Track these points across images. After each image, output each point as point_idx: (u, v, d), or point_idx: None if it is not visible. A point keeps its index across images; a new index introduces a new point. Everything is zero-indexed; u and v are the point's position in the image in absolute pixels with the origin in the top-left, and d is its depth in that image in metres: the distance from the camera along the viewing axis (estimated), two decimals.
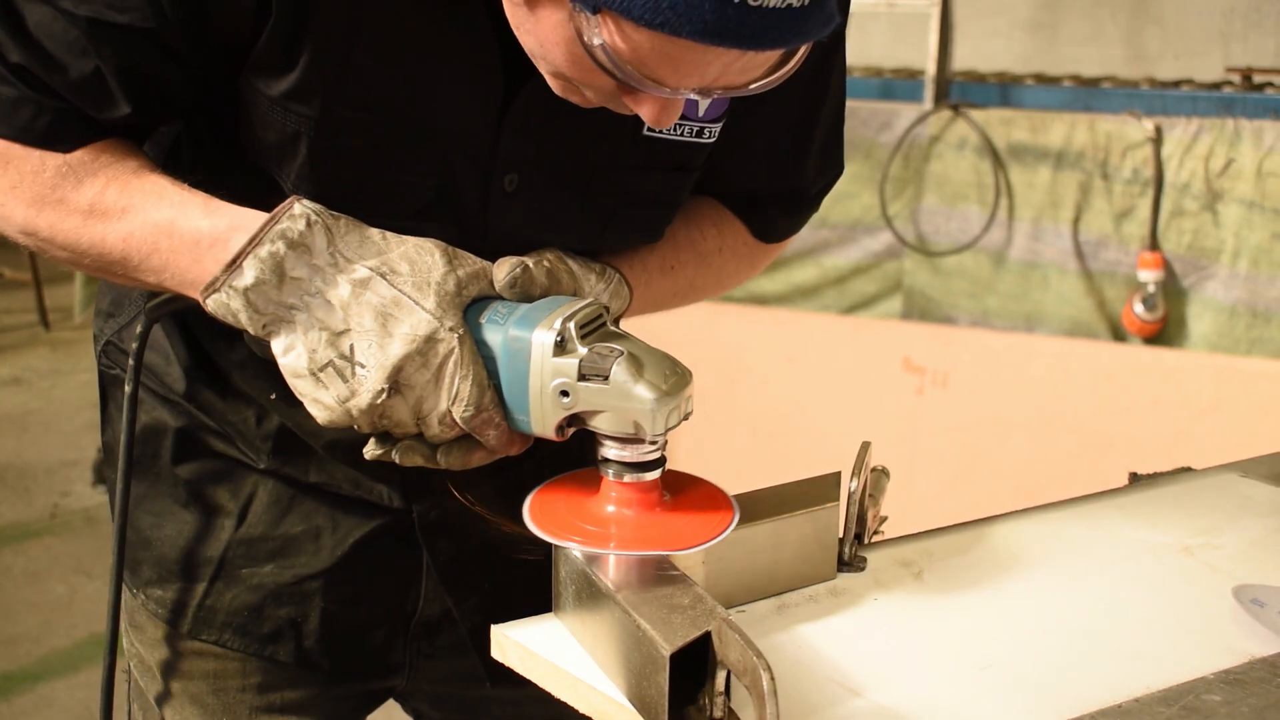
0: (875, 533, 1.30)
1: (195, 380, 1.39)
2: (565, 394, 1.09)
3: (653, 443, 1.11)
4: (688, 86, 1.02)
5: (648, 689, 0.99)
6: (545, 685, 1.12)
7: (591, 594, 1.09)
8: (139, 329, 1.29)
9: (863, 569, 1.27)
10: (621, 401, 1.08)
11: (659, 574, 1.08)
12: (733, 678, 0.97)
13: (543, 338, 1.10)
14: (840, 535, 1.26)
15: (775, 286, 4.55)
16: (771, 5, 0.94)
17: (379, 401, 1.11)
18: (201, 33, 1.14)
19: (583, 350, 1.09)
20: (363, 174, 1.20)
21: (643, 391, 1.07)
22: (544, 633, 1.14)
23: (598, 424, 1.10)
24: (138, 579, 1.46)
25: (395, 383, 1.11)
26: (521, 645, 1.13)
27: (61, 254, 1.21)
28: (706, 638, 0.97)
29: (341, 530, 1.41)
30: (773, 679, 0.89)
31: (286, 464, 1.39)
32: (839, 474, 1.25)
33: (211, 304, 1.13)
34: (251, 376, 1.36)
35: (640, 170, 1.30)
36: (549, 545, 1.13)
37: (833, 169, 1.50)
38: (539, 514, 1.14)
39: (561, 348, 1.09)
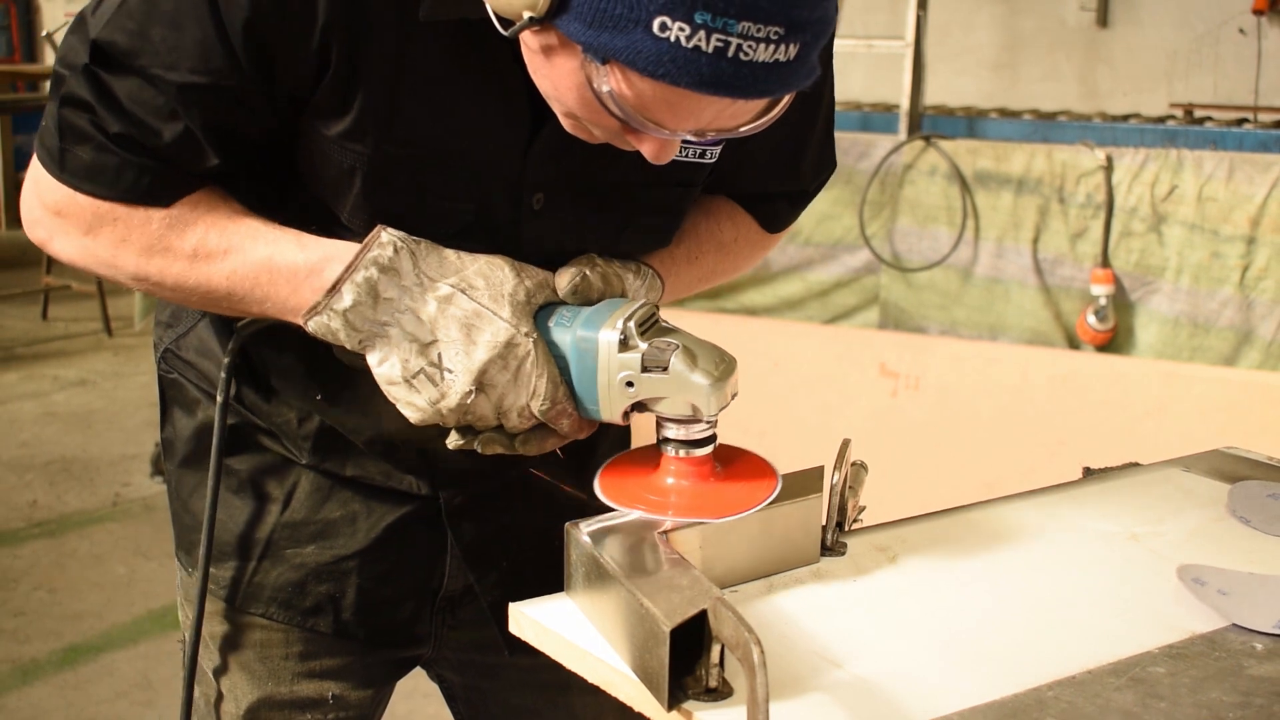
0: (854, 521, 1.30)
1: (243, 385, 1.40)
2: (630, 384, 1.14)
3: (708, 422, 1.15)
4: (684, 129, 1.04)
5: (650, 661, 0.98)
6: (557, 657, 1.12)
7: (599, 575, 1.09)
8: (231, 345, 1.33)
9: (843, 554, 1.27)
10: (680, 388, 1.13)
11: (660, 558, 1.09)
12: (726, 651, 0.97)
13: (608, 337, 1.14)
14: (823, 523, 1.26)
15: (764, 299, 4.55)
16: (760, 60, 0.96)
17: (467, 401, 1.15)
18: (271, 85, 1.15)
19: (643, 345, 1.14)
20: (409, 201, 1.21)
21: (698, 379, 1.12)
22: (556, 610, 1.14)
23: (660, 408, 1.15)
24: (193, 560, 1.47)
25: (480, 384, 1.14)
26: (536, 621, 1.13)
27: (171, 294, 1.25)
28: (703, 615, 0.97)
29: (375, 515, 1.42)
30: (762, 652, 0.89)
31: (325, 460, 1.40)
32: (822, 468, 1.25)
33: (313, 325, 1.16)
34: (295, 381, 1.37)
35: (650, 187, 1.31)
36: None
37: (827, 166, 1.53)
38: (609, 486, 1.18)
39: (624, 345, 1.14)
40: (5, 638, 3.66)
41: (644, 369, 1.13)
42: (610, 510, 1.16)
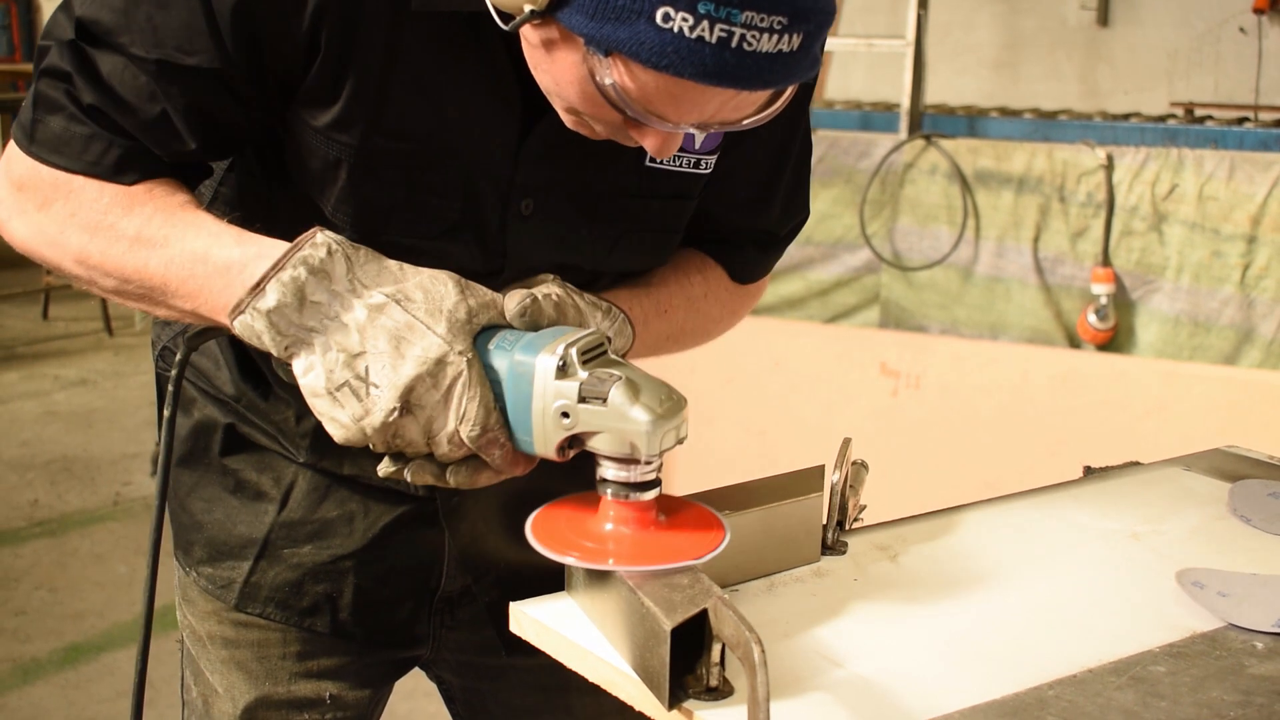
0: (855, 520, 1.30)
1: (241, 383, 1.40)
2: (566, 415, 1.06)
3: (649, 463, 1.07)
4: (688, 121, 1.03)
5: (651, 660, 0.98)
6: (558, 657, 1.11)
7: (600, 574, 1.08)
8: (179, 355, 1.27)
9: (844, 552, 1.27)
10: (619, 423, 1.05)
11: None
12: (727, 650, 0.97)
13: (546, 362, 1.06)
14: (824, 522, 1.26)
15: (765, 299, 4.54)
16: (764, 51, 0.96)
17: (391, 420, 1.07)
18: (259, 71, 1.14)
19: (583, 374, 1.06)
20: (395, 196, 1.20)
21: (639, 414, 1.04)
22: (557, 610, 1.14)
23: (597, 445, 1.07)
24: (190, 558, 1.47)
25: (407, 402, 1.06)
26: (537, 621, 1.13)
27: (109, 282, 1.18)
28: (704, 614, 0.97)
29: (373, 515, 1.41)
30: (763, 651, 0.89)
31: (323, 459, 1.39)
32: (822, 467, 1.25)
33: (238, 326, 1.10)
34: (289, 383, 1.36)
35: (644, 198, 1.30)
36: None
37: (799, 211, 1.48)
38: (541, 531, 1.11)
39: (564, 371, 1.06)
40: (6, 637, 3.66)
41: (581, 399, 1.05)
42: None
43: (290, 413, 1.39)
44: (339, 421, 1.09)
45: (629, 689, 1.03)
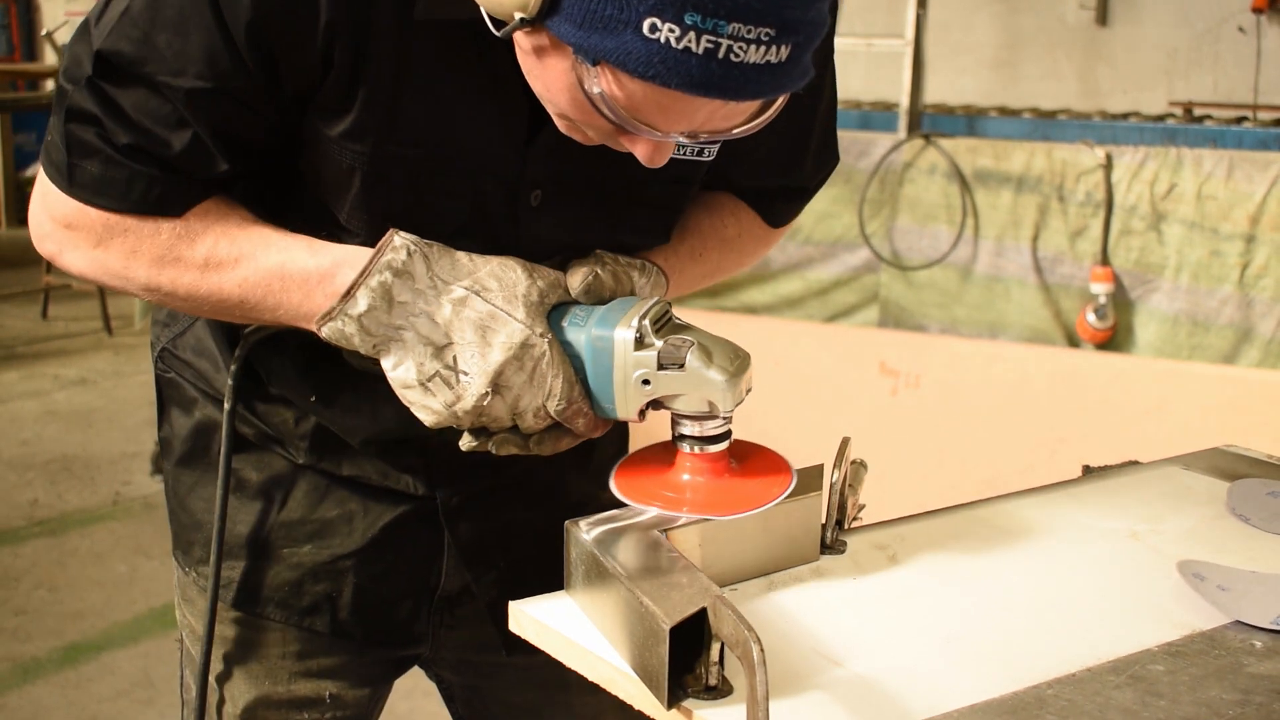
0: (854, 519, 1.30)
1: (241, 385, 1.40)
2: (646, 382, 1.14)
3: (723, 418, 1.15)
4: (677, 130, 1.04)
5: (649, 659, 0.98)
6: (558, 656, 1.11)
7: (599, 574, 1.09)
8: (238, 352, 1.33)
9: (843, 552, 1.27)
10: (696, 384, 1.13)
11: (660, 556, 1.09)
12: (726, 649, 0.97)
13: (624, 335, 1.14)
14: (823, 521, 1.26)
15: (764, 298, 4.55)
16: (751, 61, 0.96)
17: (483, 404, 1.14)
18: (276, 88, 1.16)
19: (659, 343, 1.14)
20: (407, 200, 1.21)
21: (714, 375, 1.12)
22: (556, 608, 1.14)
23: (675, 405, 1.15)
24: (190, 558, 1.47)
25: (496, 385, 1.14)
26: (536, 620, 1.13)
27: (183, 304, 1.24)
28: (703, 613, 0.97)
29: (372, 515, 1.41)
30: (762, 650, 0.89)
31: (322, 460, 1.40)
32: (821, 466, 1.25)
33: (327, 331, 1.16)
34: (291, 383, 1.37)
35: (648, 184, 1.31)
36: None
37: (830, 162, 1.52)
38: (625, 484, 1.18)
39: (640, 343, 1.14)
40: (6, 636, 3.66)
41: (660, 366, 1.13)
42: (621, 507, 1.17)
43: (289, 415, 1.39)
44: (431, 409, 1.16)
45: (628, 688, 1.03)
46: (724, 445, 1.17)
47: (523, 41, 1.07)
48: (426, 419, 1.17)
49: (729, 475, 1.18)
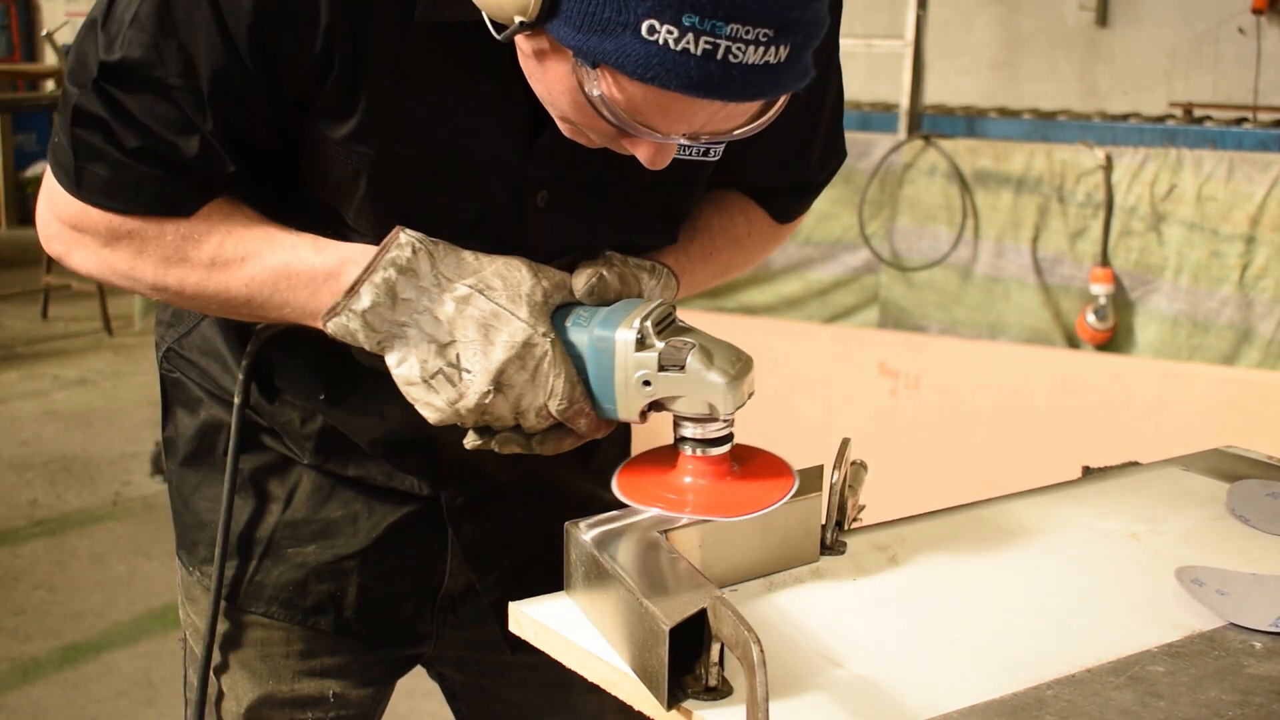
0: (854, 520, 1.30)
1: (248, 385, 1.40)
2: (647, 383, 1.14)
3: (724, 421, 1.15)
4: (678, 132, 1.04)
5: (649, 660, 0.99)
6: (558, 656, 1.12)
7: (599, 575, 1.09)
8: (249, 348, 1.34)
9: (843, 552, 1.27)
10: (697, 387, 1.13)
11: (660, 557, 1.09)
12: (726, 650, 0.97)
13: (625, 336, 1.15)
14: (823, 522, 1.26)
15: (764, 298, 4.55)
16: (750, 62, 0.96)
17: (485, 401, 1.15)
18: (277, 90, 1.16)
19: (660, 345, 1.14)
20: (414, 201, 1.22)
21: (715, 377, 1.12)
22: (557, 609, 1.14)
23: (677, 407, 1.15)
24: (194, 558, 1.47)
25: (498, 383, 1.15)
26: (536, 620, 1.13)
27: (191, 303, 1.26)
28: (702, 614, 0.97)
29: (376, 515, 1.42)
30: (762, 651, 0.89)
31: (327, 460, 1.40)
32: (821, 467, 1.25)
33: (332, 327, 1.17)
34: (299, 382, 1.37)
35: (653, 185, 1.31)
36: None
37: (836, 157, 1.53)
38: (627, 485, 1.18)
39: (641, 344, 1.14)
40: (6, 636, 3.66)
41: (661, 368, 1.14)
42: (623, 508, 1.17)
43: (295, 415, 1.39)
44: (434, 406, 1.17)
45: (628, 688, 1.03)
46: (726, 448, 1.17)
47: (524, 45, 1.07)
48: (430, 416, 1.17)
49: (731, 478, 1.18)
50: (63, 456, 5.12)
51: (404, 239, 1.16)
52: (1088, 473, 1.54)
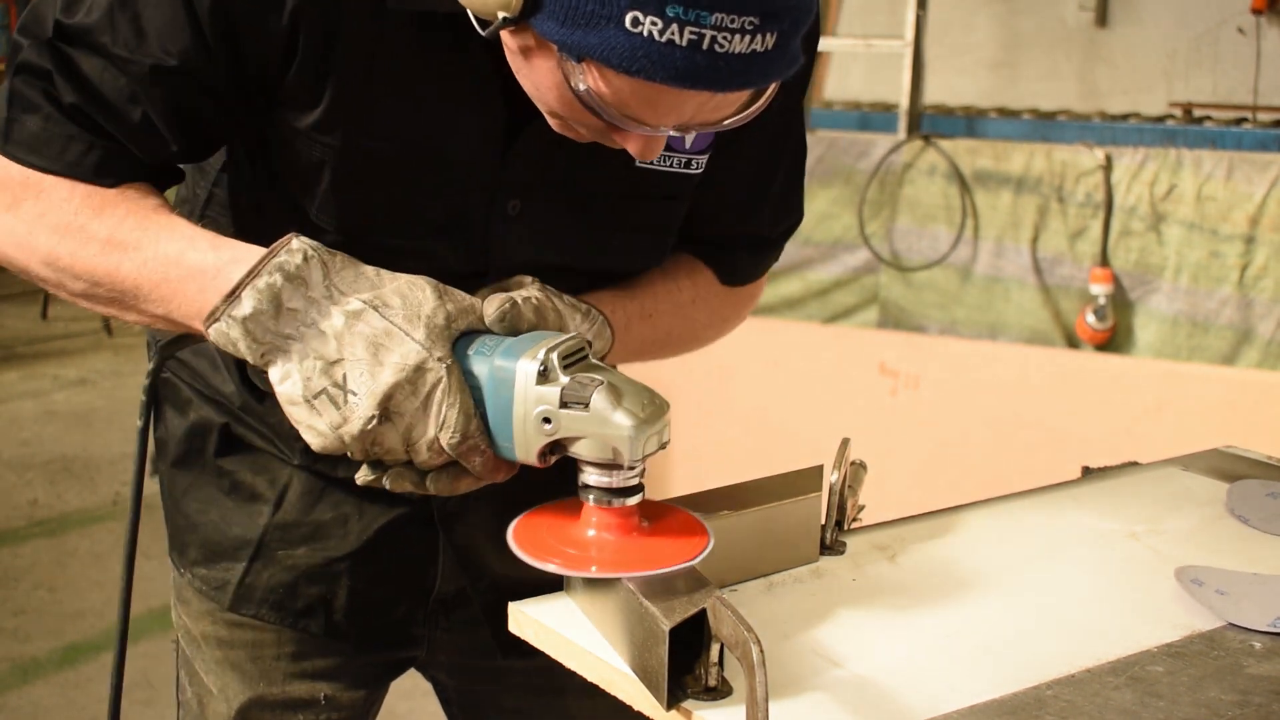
0: (854, 520, 1.30)
1: (239, 385, 1.40)
2: (547, 420, 1.05)
3: (631, 469, 1.06)
4: (667, 124, 1.02)
5: (649, 660, 0.98)
6: (557, 656, 1.11)
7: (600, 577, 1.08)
8: (151, 366, 1.28)
9: (842, 552, 1.27)
10: (601, 428, 1.03)
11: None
12: (725, 650, 0.97)
13: (526, 367, 1.05)
14: (822, 522, 1.26)
15: (764, 298, 4.52)
16: (737, 51, 0.95)
17: (370, 428, 1.05)
18: (239, 71, 1.14)
19: (564, 379, 1.04)
20: (379, 198, 1.20)
21: (621, 419, 1.03)
22: (556, 610, 1.14)
23: (579, 450, 1.06)
24: (185, 559, 1.47)
25: (385, 410, 1.05)
26: (536, 621, 1.13)
27: (78, 285, 1.16)
28: (702, 614, 0.97)
29: (367, 517, 1.41)
30: (761, 651, 0.89)
31: (317, 461, 1.39)
32: (821, 467, 1.25)
33: (213, 333, 1.08)
34: None
35: (634, 199, 1.29)
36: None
37: (793, 214, 1.47)
38: (523, 537, 1.10)
39: (545, 376, 1.05)
40: (6, 636, 3.66)
41: (563, 404, 1.04)
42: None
43: (284, 415, 1.39)
44: (316, 429, 1.08)
45: (628, 689, 1.03)
46: (634, 500, 1.08)
47: (509, 41, 1.06)
48: (313, 441, 1.08)
49: (638, 534, 1.08)
50: (63, 456, 5.12)
51: (296, 245, 1.08)
52: (1087, 473, 1.54)
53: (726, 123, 1.05)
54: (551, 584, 1.16)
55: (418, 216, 1.21)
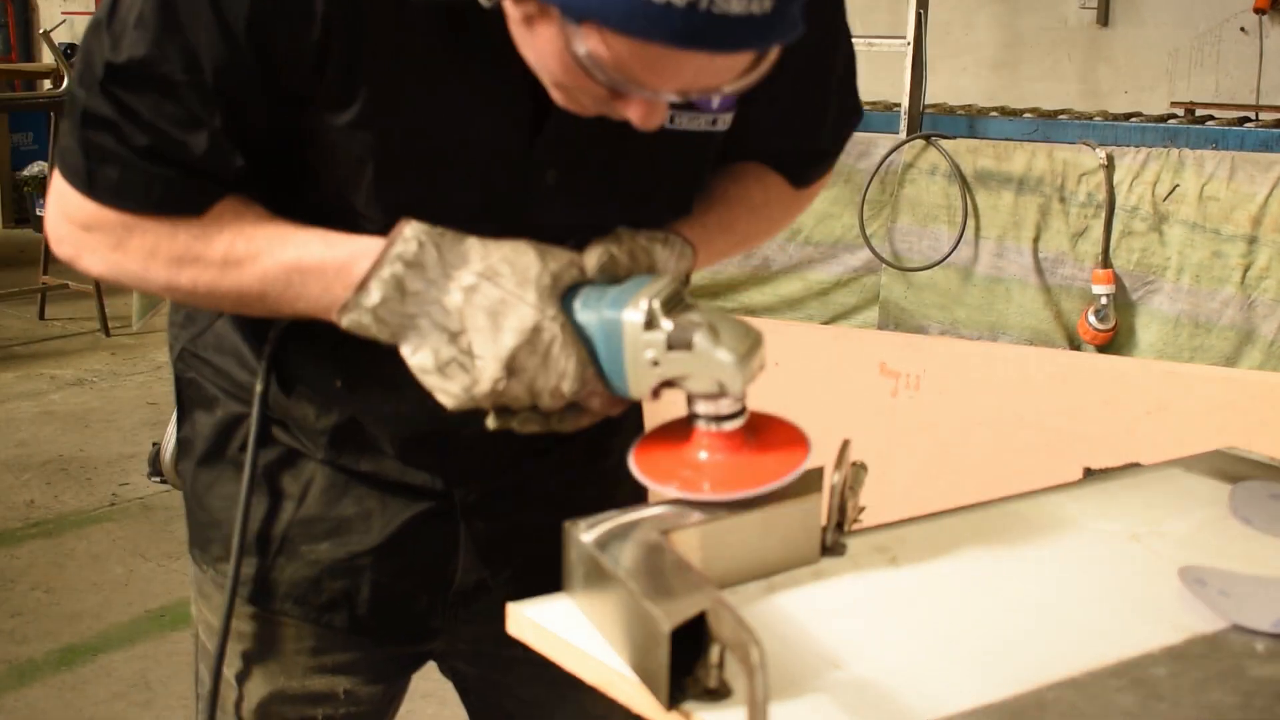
0: (854, 521, 1.30)
1: (266, 379, 1.41)
2: (656, 363, 1.15)
3: (735, 397, 1.16)
4: (668, 88, 1.05)
5: (649, 662, 0.98)
6: (557, 659, 1.11)
7: (599, 575, 1.09)
8: (271, 334, 1.35)
9: (843, 554, 1.27)
10: (705, 365, 1.14)
11: (659, 558, 1.09)
12: (726, 652, 0.97)
13: (632, 317, 1.15)
14: (823, 523, 1.26)
15: (763, 298, 4.54)
16: (735, 13, 0.97)
17: (499, 387, 1.16)
18: (276, 83, 1.18)
19: (667, 324, 1.14)
20: (421, 188, 1.24)
21: (723, 356, 1.13)
22: (556, 611, 1.14)
23: (686, 385, 1.16)
24: (207, 555, 1.49)
25: (510, 368, 1.15)
26: (535, 622, 1.13)
27: (205, 301, 1.27)
28: (702, 615, 0.97)
29: (390, 512, 1.43)
30: (761, 653, 0.89)
31: (340, 455, 1.42)
32: (822, 468, 1.25)
33: (346, 322, 1.18)
34: (316, 370, 1.38)
35: (664, 159, 1.33)
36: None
37: (850, 117, 1.53)
38: (644, 463, 1.20)
39: (649, 324, 1.15)
40: (2, 638, 3.66)
41: (669, 347, 1.14)
42: (631, 504, 1.18)
43: (310, 409, 1.41)
44: (449, 393, 1.18)
45: (627, 690, 1.03)
46: (738, 423, 1.18)
47: (512, 11, 1.09)
48: (447, 402, 1.18)
49: (745, 451, 1.19)
50: (60, 457, 5.11)
51: (409, 233, 1.17)
52: (1089, 474, 1.54)
53: (727, 89, 1.07)
54: (559, 580, 1.16)
55: (458, 201, 1.25)
